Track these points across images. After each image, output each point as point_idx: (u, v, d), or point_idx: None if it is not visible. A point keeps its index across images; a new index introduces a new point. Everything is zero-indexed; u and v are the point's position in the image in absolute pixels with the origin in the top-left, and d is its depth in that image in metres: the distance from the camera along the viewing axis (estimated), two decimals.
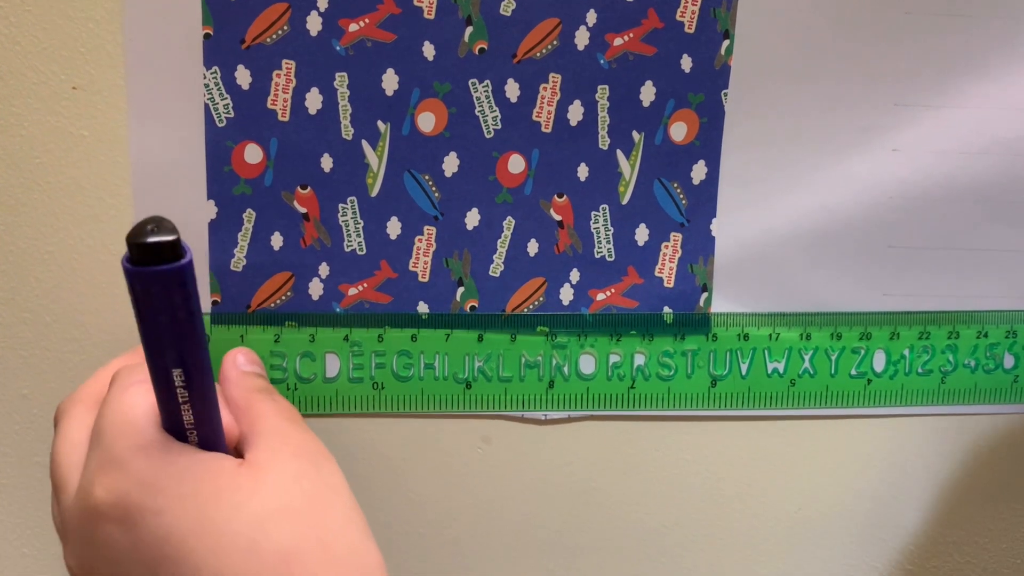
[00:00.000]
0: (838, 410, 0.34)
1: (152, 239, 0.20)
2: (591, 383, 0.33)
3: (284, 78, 0.30)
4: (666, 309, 0.33)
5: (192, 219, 0.31)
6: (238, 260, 0.31)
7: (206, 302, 0.31)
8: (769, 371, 0.33)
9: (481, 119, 0.31)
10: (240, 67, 0.30)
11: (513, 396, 0.33)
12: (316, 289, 0.32)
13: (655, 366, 0.33)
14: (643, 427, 0.34)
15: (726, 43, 0.32)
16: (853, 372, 0.34)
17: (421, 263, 0.32)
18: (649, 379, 0.33)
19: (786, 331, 0.33)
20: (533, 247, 0.32)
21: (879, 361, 0.34)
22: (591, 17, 0.31)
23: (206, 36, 0.30)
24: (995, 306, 0.34)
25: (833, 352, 0.34)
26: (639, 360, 0.33)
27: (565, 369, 0.33)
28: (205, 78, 0.30)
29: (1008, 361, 0.35)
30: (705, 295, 0.33)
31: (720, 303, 0.33)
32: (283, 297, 0.32)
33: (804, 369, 0.33)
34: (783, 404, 0.34)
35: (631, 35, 0.31)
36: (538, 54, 0.31)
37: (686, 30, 0.31)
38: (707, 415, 0.34)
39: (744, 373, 0.33)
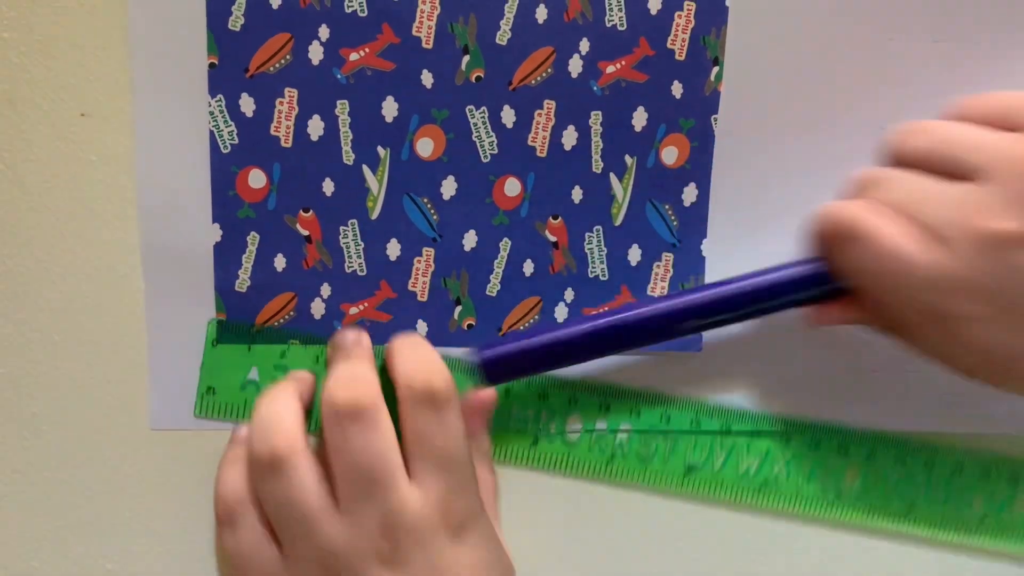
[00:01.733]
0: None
1: None
2: (573, 448, 0.34)
3: (287, 106, 0.31)
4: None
5: (197, 242, 0.32)
6: (242, 281, 0.32)
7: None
8: (742, 469, 0.34)
9: (478, 144, 0.32)
10: (244, 95, 0.31)
11: (498, 447, 0.34)
12: (318, 309, 0.33)
13: (637, 444, 0.34)
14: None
15: (715, 70, 0.32)
16: (824, 483, 0.34)
17: (420, 283, 0.33)
18: (628, 456, 0.34)
19: (768, 427, 0.34)
20: (529, 267, 0.33)
21: (852, 477, 0.35)
22: (584, 46, 0.32)
23: (211, 65, 0.31)
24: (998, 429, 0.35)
25: (807, 462, 0.34)
26: (622, 436, 0.34)
27: (552, 428, 0.34)
28: (210, 106, 0.31)
29: (978, 503, 0.35)
30: None
31: None
32: (286, 317, 0.33)
33: (777, 472, 0.34)
34: (753, 501, 0.34)
35: (623, 63, 0.32)
36: (533, 81, 0.32)
37: (677, 57, 0.32)
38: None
39: (718, 467, 0.34)
